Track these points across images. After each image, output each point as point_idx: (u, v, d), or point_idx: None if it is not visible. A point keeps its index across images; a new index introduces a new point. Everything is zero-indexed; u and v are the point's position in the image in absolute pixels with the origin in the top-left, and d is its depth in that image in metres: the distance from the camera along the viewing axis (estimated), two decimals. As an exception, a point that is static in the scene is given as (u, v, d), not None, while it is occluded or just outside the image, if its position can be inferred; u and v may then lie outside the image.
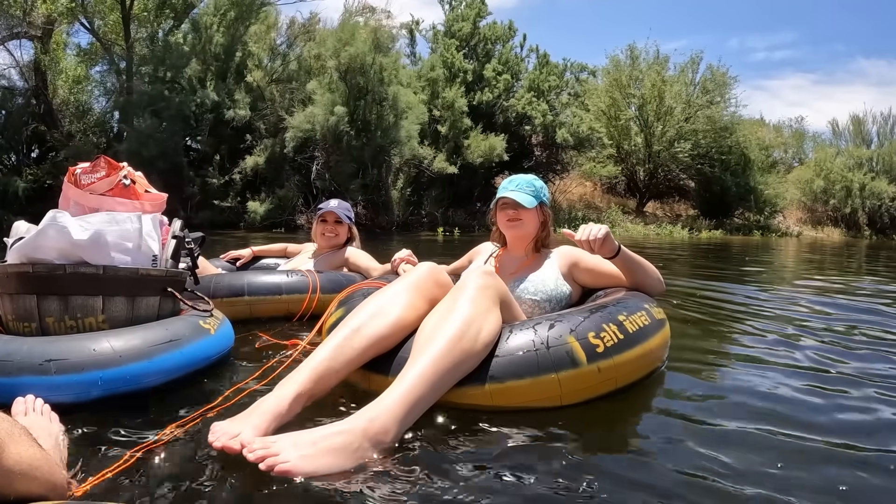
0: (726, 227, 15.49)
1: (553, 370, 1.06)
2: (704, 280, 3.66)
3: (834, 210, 19.38)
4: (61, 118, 12.09)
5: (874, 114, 27.45)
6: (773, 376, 1.40)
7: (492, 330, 1.06)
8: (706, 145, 15.10)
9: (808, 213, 19.62)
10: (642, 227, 14.37)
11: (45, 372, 1.04)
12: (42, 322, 1.18)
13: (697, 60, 15.58)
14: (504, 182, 1.60)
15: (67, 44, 13.05)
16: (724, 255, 7.37)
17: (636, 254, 1.45)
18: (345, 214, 2.31)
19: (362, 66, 10.15)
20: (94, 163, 1.36)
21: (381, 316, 1.11)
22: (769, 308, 2.49)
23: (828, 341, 1.80)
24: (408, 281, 1.21)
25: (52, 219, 1.17)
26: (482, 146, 11.05)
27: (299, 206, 10.54)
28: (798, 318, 2.26)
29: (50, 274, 1.16)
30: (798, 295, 2.99)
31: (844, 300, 2.79)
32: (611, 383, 1.13)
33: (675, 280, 3.46)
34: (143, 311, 1.28)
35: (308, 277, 1.98)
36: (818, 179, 19.20)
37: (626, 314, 1.23)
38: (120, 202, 1.34)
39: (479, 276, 1.14)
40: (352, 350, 1.06)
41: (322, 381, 1.01)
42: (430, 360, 0.96)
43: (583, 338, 1.11)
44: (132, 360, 1.11)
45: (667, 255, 6.72)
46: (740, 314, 2.30)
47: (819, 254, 7.98)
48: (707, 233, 14.55)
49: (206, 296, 1.51)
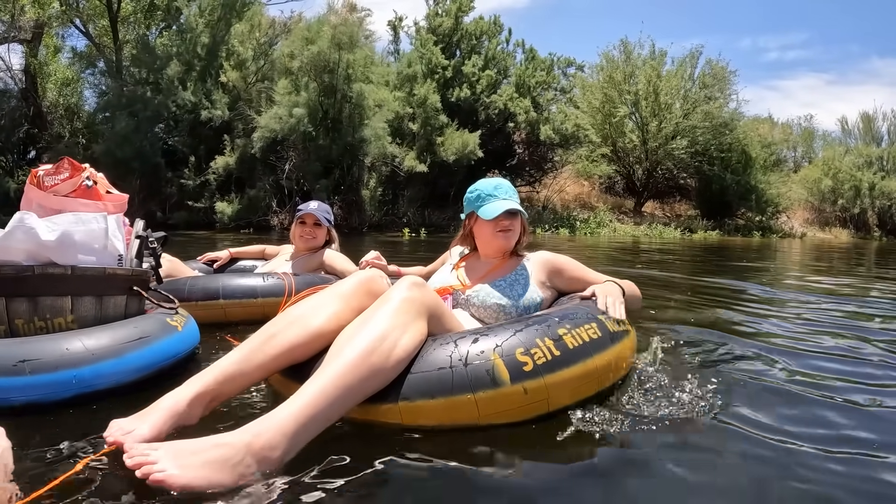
0: (725, 228, 15.27)
1: (469, 390, 1.00)
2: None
3: (842, 210, 19.31)
4: (51, 120, 12.71)
5: (885, 111, 27.39)
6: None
7: (409, 345, 1.02)
8: (704, 142, 14.92)
9: (815, 213, 19.52)
10: (631, 227, 14.24)
11: (19, 372, 1.07)
12: (11, 324, 1.20)
13: (696, 55, 15.41)
14: (485, 188, 1.51)
15: (62, 48, 13.46)
16: (704, 259, 6.90)
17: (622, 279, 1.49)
18: (324, 217, 2.33)
19: (327, 65, 10.16)
20: (57, 164, 1.39)
21: (299, 324, 1.10)
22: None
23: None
24: (337, 289, 1.18)
25: (19, 220, 1.20)
26: (456, 143, 10.93)
27: (273, 206, 10.62)
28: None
29: (18, 275, 1.19)
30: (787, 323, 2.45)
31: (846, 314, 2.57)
32: (541, 405, 1.05)
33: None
34: (110, 311, 1.33)
35: (284, 280, 1.99)
36: (826, 179, 19.12)
37: (569, 327, 1.15)
38: (83, 203, 1.38)
39: (405, 287, 1.10)
40: (264, 355, 1.05)
41: (229, 382, 1.01)
42: (333, 375, 0.93)
43: (509, 354, 1.04)
44: (105, 358, 1.17)
45: (635, 259, 6.16)
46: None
47: (822, 259, 7.31)
48: (703, 234, 14.36)
49: (181, 298, 1.58)
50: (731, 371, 1.46)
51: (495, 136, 13.10)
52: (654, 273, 4.30)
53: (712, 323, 2.17)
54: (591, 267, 1.55)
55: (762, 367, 1.53)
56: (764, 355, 1.64)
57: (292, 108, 9.96)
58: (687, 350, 1.67)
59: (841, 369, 1.53)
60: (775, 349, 1.72)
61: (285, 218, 10.41)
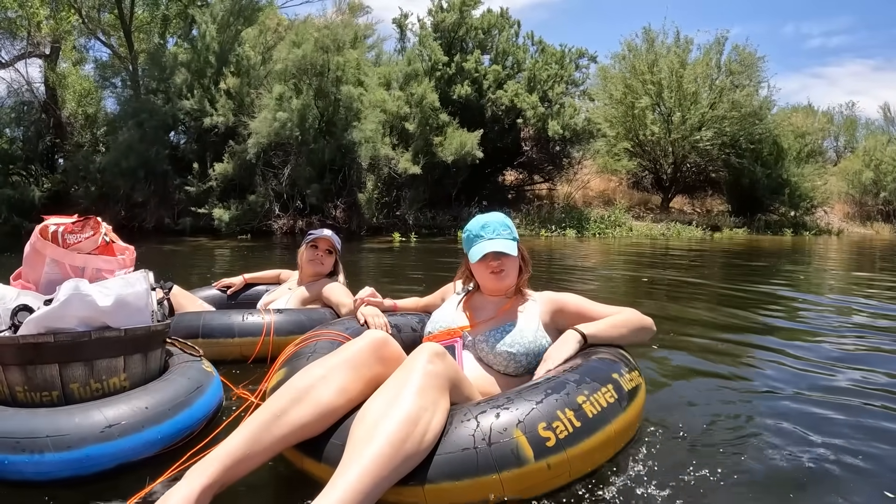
0: (753, 225, 14.73)
1: (494, 470, 1.02)
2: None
3: (885, 204, 18.53)
4: (70, 131, 13.57)
5: (932, 96, 26.10)
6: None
7: (438, 426, 1.02)
8: (732, 133, 14.42)
9: (856, 207, 18.78)
10: (648, 226, 13.68)
11: (109, 438, 1.13)
12: (65, 389, 1.25)
13: (722, 41, 14.91)
14: (473, 228, 1.52)
15: (85, 59, 14.25)
16: (722, 267, 5.88)
17: (608, 315, 1.46)
18: (337, 244, 2.38)
19: (314, 67, 10.28)
20: (78, 222, 1.44)
21: (308, 402, 1.07)
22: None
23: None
24: (345, 356, 1.16)
25: (74, 289, 1.25)
26: (455, 143, 10.81)
27: (275, 210, 10.82)
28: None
29: (75, 342, 1.24)
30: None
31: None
32: (562, 478, 1.09)
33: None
34: (153, 365, 1.44)
35: (264, 319, 1.99)
36: (867, 170, 18.36)
37: (587, 393, 1.17)
38: (105, 260, 1.46)
39: (427, 358, 1.09)
40: (272, 437, 1.03)
41: (236, 467, 1.00)
42: (367, 468, 0.90)
43: (531, 431, 1.06)
44: (180, 410, 1.27)
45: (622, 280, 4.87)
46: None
47: (863, 265, 6.58)
48: (729, 232, 13.80)
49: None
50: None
51: (504, 133, 12.93)
52: (644, 300, 3.60)
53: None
54: (576, 278, 1.55)
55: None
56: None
57: (276, 113, 10.13)
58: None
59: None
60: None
61: (287, 223, 10.65)
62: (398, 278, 4.68)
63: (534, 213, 12.91)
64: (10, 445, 1.08)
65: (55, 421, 1.12)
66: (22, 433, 1.09)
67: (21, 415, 1.15)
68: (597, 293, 3.43)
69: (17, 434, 1.09)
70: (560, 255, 7.56)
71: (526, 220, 12.58)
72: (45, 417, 1.13)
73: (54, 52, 13.37)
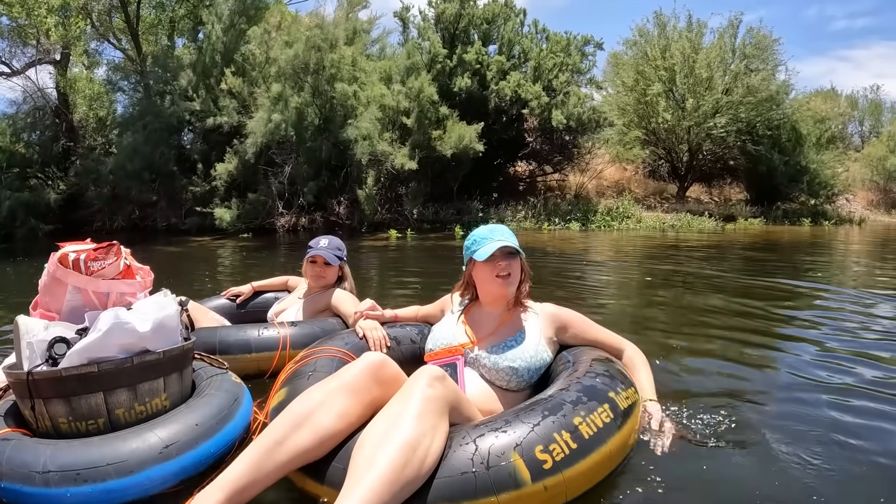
0: (770, 215, 14.32)
1: (493, 493, 1.05)
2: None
3: (911, 191, 17.79)
4: (82, 134, 14.15)
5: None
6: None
7: (437, 450, 1.05)
8: (747, 119, 14.02)
9: (881, 194, 18.09)
10: (658, 216, 13.23)
11: (169, 457, 1.17)
12: (111, 415, 1.28)
13: (736, 24, 14.46)
14: (480, 233, 1.55)
15: (98, 63, 14.74)
16: (728, 267, 5.31)
17: (609, 340, 1.56)
18: (334, 255, 2.34)
19: (307, 66, 10.30)
20: (101, 249, 1.45)
21: (308, 428, 1.10)
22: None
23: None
24: (343, 381, 1.19)
25: (115, 318, 1.29)
26: (454, 136, 10.73)
27: (279, 208, 10.97)
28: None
29: (118, 369, 1.28)
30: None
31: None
32: (559, 498, 1.12)
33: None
34: (187, 381, 1.49)
35: (280, 332, 2.00)
36: (892, 156, 17.65)
37: (583, 414, 1.20)
38: (127, 283, 1.48)
39: (427, 382, 1.11)
40: (273, 463, 1.06)
41: (240, 494, 1.03)
42: (369, 494, 0.94)
43: (528, 454, 1.09)
44: (227, 422, 1.33)
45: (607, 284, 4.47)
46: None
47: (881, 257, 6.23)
48: (744, 222, 13.43)
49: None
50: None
51: (510, 124, 12.72)
52: (626, 318, 3.05)
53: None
54: (562, 281, 1.58)
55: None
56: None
57: (271, 113, 10.24)
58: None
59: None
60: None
61: (289, 220, 10.84)
62: (385, 281, 4.65)
63: (540, 205, 12.78)
64: (70, 478, 1.08)
65: (113, 448, 1.14)
66: (81, 465, 1.10)
67: (75, 446, 1.15)
68: (584, 304, 3.36)
69: (77, 466, 1.10)
70: (555, 251, 7.41)
71: (533, 213, 12.48)
72: (102, 446, 1.15)
73: (64, 58, 13.82)
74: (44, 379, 1.22)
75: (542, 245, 8.22)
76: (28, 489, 1.08)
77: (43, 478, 1.08)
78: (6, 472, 1.11)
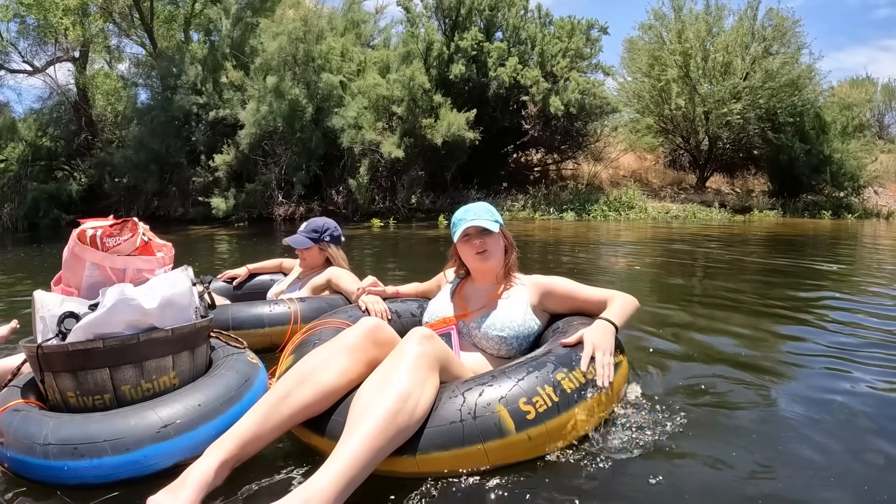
0: (789, 207, 13.72)
1: (479, 441, 1.15)
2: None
3: (946, 183, 16.56)
4: (101, 128, 14.85)
5: None
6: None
7: (427, 401, 1.15)
8: (767, 105, 13.44)
9: (917, 186, 16.93)
10: (663, 206, 12.85)
11: (166, 437, 1.17)
12: (117, 391, 1.29)
13: (755, 6, 13.84)
14: (458, 214, 1.66)
15: (121, 58, 15.65)
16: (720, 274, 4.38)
17: (598, 296, 1.59)
18: (305, 238, 2.38)
19: (294, 58, 10.45)
20: (115, 225, 1.47)
21: (310, 383, 1.20)
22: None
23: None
24: (344, 342, 1.29)
25: (120, 294, 1.28)
26: (444, 124, 10.69)
27: (278, 198, 11.27)
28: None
29: (123, 345, 1.27)
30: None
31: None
32: (543, 447, 1.22)
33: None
34: (200, 360, 1.47)
35: (290, 308, 2.09)
36: (927, 146, 16.48)
37: (566, 371, 1.28)
38: (144, 259, 1.49)
39: (417, 341, 1.21)
40: (279, 416, 1.17)
41: (249, 445, 1.13)
42: (364, 439, 1.04)
43: (513, 405, 1.19)
44: (232, 405, 1.31)
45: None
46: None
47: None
48: (759, 214, 12.91)
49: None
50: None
51: (514, 112, 12.50)
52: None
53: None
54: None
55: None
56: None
57: (260, 104, 10.48)
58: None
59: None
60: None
61: (287, 209, 11.16)
62: (379, 258, 4.77)
63: (541, 195, 12.68)
64: (68, 452, 1.11)
65: (111, 425, 1.15)
66: (79, 439, 1.12)
67: (76, 421, 1.17)
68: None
69: (75, 440, 1.12)
70: (518, 242, 7.09)
71: (533, 202, 12.41)
72: (101, 422, 1.16)
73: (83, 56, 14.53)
74: (52, 353, 1.25)
75: (516, 235, 8.13)
76: (30, 459, 1.13)
77: (43, 449, 1.12)
78: (12, 442, 1.16)
